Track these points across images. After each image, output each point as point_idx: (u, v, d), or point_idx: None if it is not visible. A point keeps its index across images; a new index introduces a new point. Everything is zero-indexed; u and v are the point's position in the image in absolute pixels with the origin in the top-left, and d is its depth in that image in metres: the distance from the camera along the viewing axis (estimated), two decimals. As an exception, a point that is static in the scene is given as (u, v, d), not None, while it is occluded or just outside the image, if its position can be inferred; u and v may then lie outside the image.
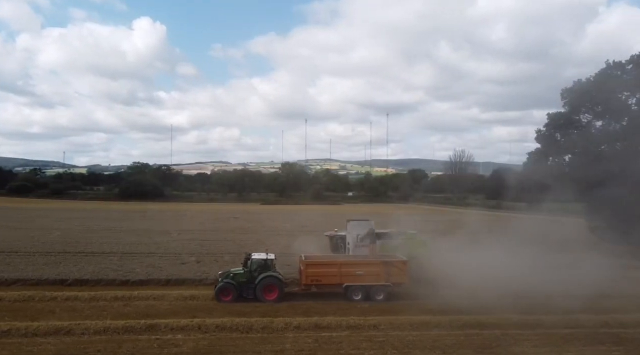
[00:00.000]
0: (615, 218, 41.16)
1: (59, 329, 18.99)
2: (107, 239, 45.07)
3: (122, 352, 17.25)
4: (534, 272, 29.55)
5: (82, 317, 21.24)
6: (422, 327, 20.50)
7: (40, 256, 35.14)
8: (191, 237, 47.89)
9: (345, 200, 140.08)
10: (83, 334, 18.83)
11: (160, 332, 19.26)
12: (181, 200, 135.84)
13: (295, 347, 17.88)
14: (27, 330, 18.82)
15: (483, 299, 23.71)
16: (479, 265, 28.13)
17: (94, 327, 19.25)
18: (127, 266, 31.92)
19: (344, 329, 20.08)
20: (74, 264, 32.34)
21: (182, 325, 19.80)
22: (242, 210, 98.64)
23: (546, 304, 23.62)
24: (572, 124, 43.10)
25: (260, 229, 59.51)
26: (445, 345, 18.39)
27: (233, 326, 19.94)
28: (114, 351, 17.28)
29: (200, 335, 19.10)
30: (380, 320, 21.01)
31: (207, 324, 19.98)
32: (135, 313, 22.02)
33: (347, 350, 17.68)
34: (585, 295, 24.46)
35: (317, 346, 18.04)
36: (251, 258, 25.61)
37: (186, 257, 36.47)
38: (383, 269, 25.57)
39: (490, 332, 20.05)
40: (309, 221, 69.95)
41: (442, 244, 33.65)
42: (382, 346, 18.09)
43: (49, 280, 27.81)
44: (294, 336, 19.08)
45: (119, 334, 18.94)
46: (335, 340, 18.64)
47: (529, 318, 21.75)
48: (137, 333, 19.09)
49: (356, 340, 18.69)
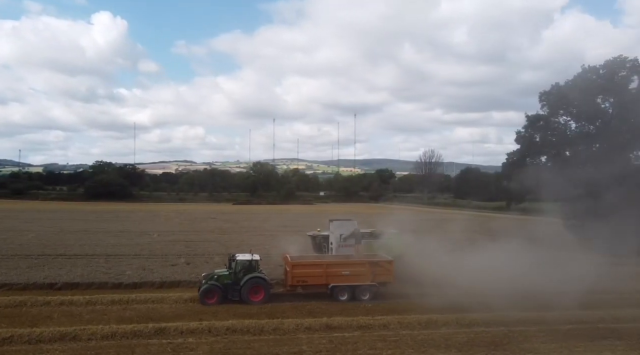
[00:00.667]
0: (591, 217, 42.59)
1: (64, 335, 18.31)
2: (86, 241, 43.68)
3: (135, 357, 16.80)
4: (524, 270, 30.09)
5: (82, 322, 20.60)
6: (431, 326, 20.77)
7: (20, 259, 33.74)
8: (173, 239, 46.95)
9: (318, 200, 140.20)
10: (90, 340, 18.22)
11: (171, 335, 18.83)
12: (150, 201, 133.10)
13: (311, 348, 17.77)
14: (30, 336, 18.08)
15: (480, 297, 24.12)
16: (470, 264, 28.66)
17: (101, 332, 18.65)
18: (116, 268, 31.03)
19: (355, 329, 20.12)
20: (59, 267, 31.19)
21: (191, 328, 19.43)
22: (216, 210, 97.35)
23: (543, 301, 24.17)
24: (550, 125, 44.48)
25: (240, 229, 58.96)
26: (458, 343, 18.65)
27: (244, 328, 19.71)
28: (127, 356, 16.81)
29: (211, 338, 18.77)
30: (389, 319, 21.15)
31: (217, 327, 19.67)
32: (138, 317, 21.47)
33: (365, 350, 17.68)
34: (577, 292, 24.96)
35: (334, 347, 17.98)
36: (236, 259, 25.06)
37: (174, 258, 35.75)
38: (369, 269, 25.60)
39: (497, 330, 20.46)
40: (288, 221, 69.83)
41: (430, 244, 33.54)
42: (398, 345, 18.19)
43: (37, 285, 26.72)
44: (308, 337, 18.98)
45: (127, 339, 18.42)
46: (349, 341, 18.64)
47: (530, 315, 22.24)
48: (146, 337, 18.60)
49: (370, 340, 18.74)
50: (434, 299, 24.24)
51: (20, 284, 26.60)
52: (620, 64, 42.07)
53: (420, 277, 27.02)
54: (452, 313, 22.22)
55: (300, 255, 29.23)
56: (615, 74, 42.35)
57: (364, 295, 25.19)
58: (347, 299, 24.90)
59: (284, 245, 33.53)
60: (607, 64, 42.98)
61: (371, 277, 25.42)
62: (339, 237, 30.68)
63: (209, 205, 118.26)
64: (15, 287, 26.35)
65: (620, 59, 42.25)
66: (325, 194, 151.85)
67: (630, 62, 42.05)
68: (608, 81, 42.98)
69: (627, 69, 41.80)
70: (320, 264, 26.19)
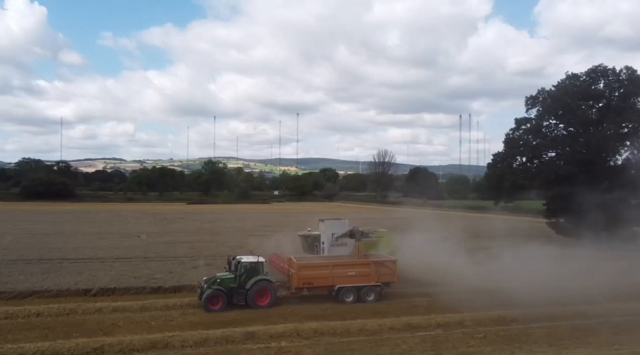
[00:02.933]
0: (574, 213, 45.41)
1: (155, 343, 17.37)
2: (73, 244, 41.35)
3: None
4: (512, 267, 29.38)
5: (153, 328, 19.64)
6: (501, 322, 21.21)
7: (25, 265, 31.40)
8: (167, 240, 45.20)
9: (273, 199, 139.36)
10: (184, 347, 17.38)
11: (262, 339, 18.29)
12: (96, 200, 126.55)
13: (415, 347, 17.81)
14: (122, 346, 16.99)
15: (487, 295, 24.52)
16: (460, 263, 29.37)
17: (192, 339, 17.82)
18: (140, 272, 29.54)
19: (434, 327, 20.34)
20: (77, 271, 29.37)
21: (279, 332, 18.97)
22: (175, 210, 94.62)
23: (544, 297, 24.00)
24: (538, 128, 47.07)
25: (224, 229, 57.56)
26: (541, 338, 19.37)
27: (330, 330, 19.49)
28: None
29: (305, 341, 18.40)
30: (456, 317, 21.34)
31: (304, 329, 19.32)
32: (212, 322, 20.63)
33: (465, 348, 17.93)
34: (574, 287, 26.00)
35: (433, 345, 18.17)
36: (240, 261, 23.57)
37: (188, 260, 34.53)
38: (374, 269, 25.09)
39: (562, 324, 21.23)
40: (268, 221, 69.13)
41: (413, 243, 33.60)
42: (490, 342, 18.60)
43: (72, 291, 25.00)
44: (400, 337, 18.97)
45: (221, 345, 17.74)
46: (441, 339, 18.80)
47: (542, 311, 22.47)
48: (238, 342, 17.98)
49: (460, 338, 18.97)
50: (449, 297, 24.41)
51: (52, 291, 24.75)
52: (603, 73, 45.22)
53: (412, 275, 27.39)
54: (475, 311, 22.26)
55: (301, 256, 28.45)
56: (597, 82, 45.48)
57: (369, 296, 24.68)
58: (352, 300, 24.35)
59: (277, 246, 33.57)
60: (588, 72, 46.04)
61: (376, 278, 24.97)
62: (331, 237, 30.02)
63: (164, 205, 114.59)
64: (46, 294, 24.48)
65: (602, 69, 45.41)
66: (280, 192, 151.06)
67: (610, 71, 45.30)
68: (589, 88, 45.96)
69: (607, 78, 45.00)
70: (326, 265, 25.24)
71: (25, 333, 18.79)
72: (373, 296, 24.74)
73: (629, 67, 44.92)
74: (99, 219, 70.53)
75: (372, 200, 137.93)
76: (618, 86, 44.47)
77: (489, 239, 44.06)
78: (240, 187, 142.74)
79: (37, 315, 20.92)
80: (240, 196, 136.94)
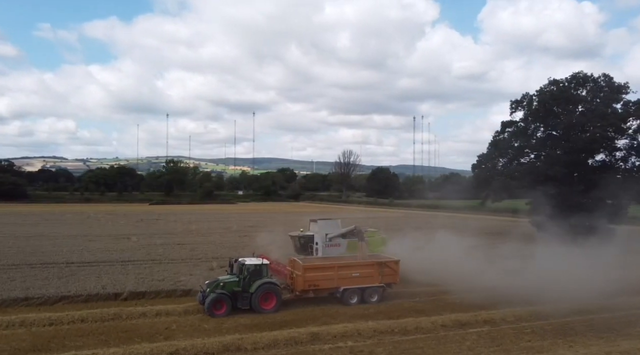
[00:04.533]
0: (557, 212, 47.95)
1: (227, 346, 17.20)
2: (64, 247, 39.66)
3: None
4: (497, 265, 31.28)
5: (210, 332, 19.35)
6: (533, 318, 22.17)
7: (29, 269, 30.02)
8: (164, 242, 44.14)
9: (238, 199, 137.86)
10: (256, 349, 17.31)
11: (329, 340, 18.43)
12: (51, 201, 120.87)
13: (477, 343, 18.38)
14: (196, 350, 16.72)
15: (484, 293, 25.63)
16: (453, 261, 30.24)
17: (262, 341, 17.75)
18: (161, 274, 28.86)
19: (482, 324, 21.00)
20: (94, 275, 28.34)
21: (341, 332, 19.14)
22: (142, 210, 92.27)
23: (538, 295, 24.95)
24: (523, 131, 49.36)
25: (209, 231, 56.64)
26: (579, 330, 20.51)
27: (388, 329, 19.79)
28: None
29: (369, 340, 18.62)
30: (489, 315, 22.03)
31: (364, 329, 19.61)
32: (267, 323, 20.57)
33: (523, 343, 18.70)
34: (584, 283, 26.63)
35: (492, 340, 18.82)
36: (244, 264, 22.68)
37: (200, 262, 33.95)
38: (377, 269, 24.88)
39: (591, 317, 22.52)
40: (249, 221, 68.65)
41: (401, 242, 34.92)
42: (543, 337, 19.49)
43: (101, 295, 24.16)
44: (455, 334, 19.54)
45: (291, 346, 17.75)
46: (495, 336, 19.46)
47: (568, 306, 23.33)
48: (307, 343, 18.03)
49: (513, 333, 19.77)
50: (471, 295, 25.34)
51: (81, 296, 23.88)
52: (584, 79, 47.97)
53: (412, 275, 27.82)
54: (498, 308, 23.10)
55: (305, 258, 28.21)
56: (577, 88, 48.22)
57: (372, 297, 24.51)
58: (356, 302, 24.14)
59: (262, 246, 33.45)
60: (570, 79, 48.71)
61: (379, 278, 24.82)
62: (325, 237, 29.83)
63: (126, 206, 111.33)
64: (77, 299, 23.64)
65: (582, 75, 48.17)
66: (243, 192, 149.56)
67: (590, 78, 48.13)
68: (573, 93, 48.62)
69: (588, 84, 47.81)
70: (331, 266, 24.67)
71: (81, 339, 18.13)
72: (376, 297, 24.58)
73: (607, 74, 47.94)
74: (69, 220, 67.85)
75: (337, 200, 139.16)
76: (599, 92, 47.24)
77: (478, 237, 45.70)
78: (204, 187, 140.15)
79: (81, 321, 20.15)
80: (204, 196, 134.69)
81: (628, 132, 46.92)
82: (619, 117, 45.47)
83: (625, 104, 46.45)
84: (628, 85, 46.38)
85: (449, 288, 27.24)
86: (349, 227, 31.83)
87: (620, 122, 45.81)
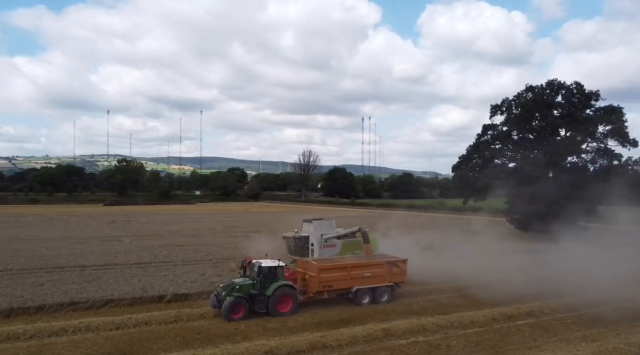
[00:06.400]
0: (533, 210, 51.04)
1: (314, 344, 17.60)
2: (58, 251, 38.13)
3: None
4: (484, 262, 33.23)
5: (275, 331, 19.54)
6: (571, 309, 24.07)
7: (44, 273, 28.87)
8: (159, 244, 43.19)
9: (196, 199, 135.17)
10: (340, 346, 17.76)
11: (401, 336, 19.06)
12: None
13: (534, 335, 19.65)
14: (288, 348, 17.04)
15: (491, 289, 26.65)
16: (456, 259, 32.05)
17: (343, 338, 18.30)
18: (187, 276, 28.56)
19: (525, 317, 22.32)
20: (123, 278, 27.71)
21: (408, 328, 19.87)
22: (100, 212, 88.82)
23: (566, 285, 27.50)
24: (505, 134, 52.29)
25: (196, 232, 55.73)
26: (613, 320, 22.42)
27: (448, 323, 20.70)
28: None
29: (436, 335, 19.34)
30: (535, 306, 23.66)
31: (426, 323, 20.42)
32: (329, 322, 21.03)
33: (575, 333, 20.16)
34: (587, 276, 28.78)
35: (546, 331, 20.16)
36: (261, 266, 22.12)
37: (212, 264, 33.68)
38: (387, 269, 25.08)
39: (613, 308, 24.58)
40: (230, 221, 67.98)
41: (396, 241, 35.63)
42: (587, 326, 21.07)
43: (145, 298, 23.71)
44: (509, 326, 20.80)
45: (366, 343, 18.32)
46: (546, 326, 20.95)
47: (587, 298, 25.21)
48: (382, 339, 18.61)
49: (558, 324, 21.31)
50: (490, 290, 26.32)
51: (126, 299, 23.36)
52: (559, 86, 51.42)
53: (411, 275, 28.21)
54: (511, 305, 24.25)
55: (314, 258, 27.84)
56: (552, 94, 51.66)
57: (382, 297, 24.61)
58: (368, 302, 24.17)
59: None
60: (546, 86, 52.07)
61: (389, 278, 25.05)
62: (320, 238, 29.64)
63: (79, 207, 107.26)
64: (122, 303, 23.14)
65: (557, 83, 51.62)
66: (201, 192, 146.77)
67: (563, 85, 51.67)
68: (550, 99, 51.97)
69: (563, 91, 51.36)
70: (344, 266, 24.60)
71: (160, 342, 17.96)
72: (386, 297, 24.72)
73: (577, 82, 51.59)
74: (34, 222, 64.56)
75: (297, 200, 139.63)
76: (572, 98, 50.82)
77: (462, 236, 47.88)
78: (160, 187, 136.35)
79: (145, 324, 19.90)
80: (160, 196, 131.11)
81: (597, 136, 50.67)
82: (591, 122, 49.12)
83: (596, 110, 50.21)
84: (599, 92, 50.22)
85: (461, 284, 28.21)
86: (352, 228, 32.39)
87: (591, 126, 49.44)
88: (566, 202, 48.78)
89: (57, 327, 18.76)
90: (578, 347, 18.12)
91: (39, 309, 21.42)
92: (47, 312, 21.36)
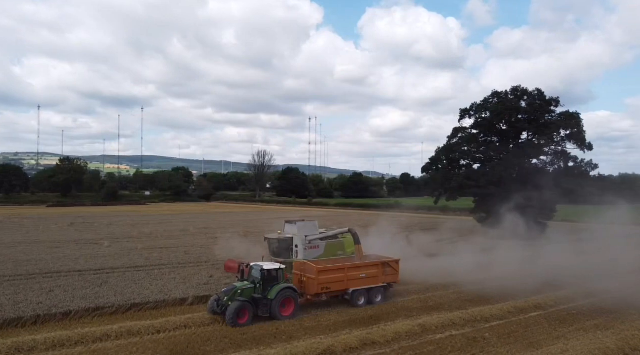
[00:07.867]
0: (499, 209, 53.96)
1: (363, 340, 18.31)
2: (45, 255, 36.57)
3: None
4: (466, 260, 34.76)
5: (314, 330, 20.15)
6: (561, 302, 26.01)
7: (50, 279, 27.96)
8: (144, 246, 42.19)
9: (146, 200, 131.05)
10: (387, 342, 18.55)
11: (437, 330, 20.13)
12: None
13: (553, 326, 21.39)
14: (339, 345, 17.60)
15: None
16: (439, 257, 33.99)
17: (388, 335, 19.15)
18: (195, 280, 28.34)
19: (534, 309, 23.86)
20: (133, 281, 27.30)
21: (440, 323, 20.97)
22: (48, 214, 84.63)
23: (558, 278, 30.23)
24: (474, 138, 55.04)
25: (170, 234, 54.48)
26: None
27: (473, 318, 21.88)
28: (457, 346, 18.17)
29: (467, 328, 20.55)
30: (551, 298, 25.47)
31: (454, 318, 21.64)
32: (358, 320, 21.75)
33: (599, 321, 21.94)
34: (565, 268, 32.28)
35: (560, 322, 21.75)
36: (262, 269, 21.62)
37: (209, 266, 33.47)
38: (381, 270, 25.26)
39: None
40: (199, 222, 66.83)
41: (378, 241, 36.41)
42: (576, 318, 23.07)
43: (168, 302, 23.44)
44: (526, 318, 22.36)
45: (409, 338, 19.20)
46: (558, 318, 22.54)
47: (585, 289, 27.58)
48: (422, 335, 19.60)
49: (576, 314, 22.99)
50: (490, 285, 28.40)
51: (150, 303, 23.05)
52: (522, 92, 54.75)
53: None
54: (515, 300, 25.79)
55: (317, 260, 27.31)
56: (519, 99, 54.95)
57: (376, 297, 24.79)
58: (363, 303, 24.28)
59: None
60: (511, 91, 55.28)
61: (383, 278, 25.26)
62: (305, 239, 29.38)
63: (22, 208, 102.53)
64: (146, 307, 22.81)
65: (521, 89, 54.95)
66: (151, 192, 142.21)
67: (526, 91, 55.08)
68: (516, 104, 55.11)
69: (526, 96, 54.75)
70: (342, 268, 24.53)
71: (209, 344, 18.08)
72: (380, 297, 24.90)
73: (539, 89, 55.16)
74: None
75: (251, 200, 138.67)
76: (534, 104, 54.26)
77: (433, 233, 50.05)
78: (108, 187, 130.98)
79: (185, 327, 19.85)
80: (108, 197, 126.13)
81: (556, 139, 54.38)
82: (553, 127, 52.69)
83: (558, 116, 53.87)
84: (559, 99, 53.92)
85: (451, 281, 29.49)
86: (341, 229, 33.00)
87: (554, 131, 53.03)
88: (528, 202, 52.12)
89: (99, 333, 18.40)
90: (598, 335, 19.84)
91: (65, 315, 20.74)
92: (74, 318, 20.76)
